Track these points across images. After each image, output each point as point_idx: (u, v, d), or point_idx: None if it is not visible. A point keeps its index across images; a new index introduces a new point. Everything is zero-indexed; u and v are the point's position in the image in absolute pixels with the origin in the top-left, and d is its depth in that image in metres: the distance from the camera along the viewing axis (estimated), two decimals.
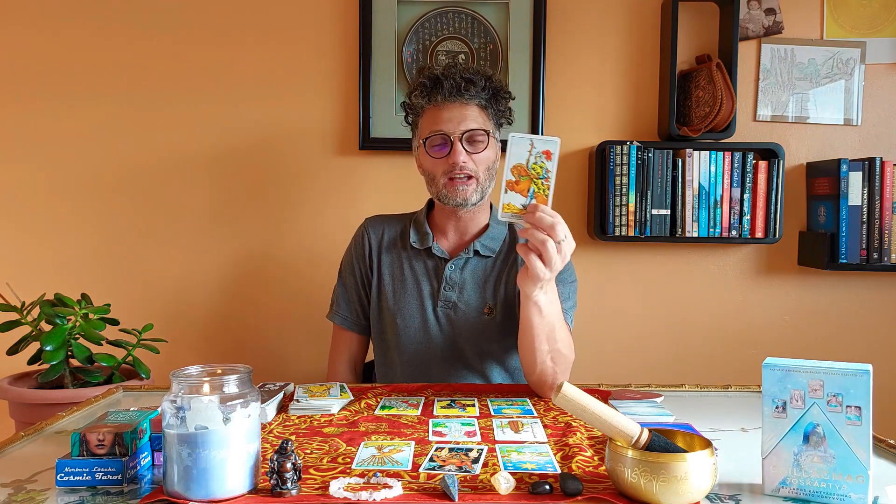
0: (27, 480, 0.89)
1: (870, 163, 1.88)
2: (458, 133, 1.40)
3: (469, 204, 1.44)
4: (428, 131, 1.43)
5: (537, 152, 1.09)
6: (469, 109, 1.42)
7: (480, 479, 0.86)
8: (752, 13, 1.99)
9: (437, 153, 1.42)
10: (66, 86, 1.99)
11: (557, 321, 1.25)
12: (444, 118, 1.42)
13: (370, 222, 1.60)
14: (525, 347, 1.27)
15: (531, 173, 1.10)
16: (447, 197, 1.44)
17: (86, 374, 1.65)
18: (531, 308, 1.22)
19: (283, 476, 0.80)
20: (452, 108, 1.42)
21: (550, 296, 1.23)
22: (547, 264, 1.12)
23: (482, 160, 1.42)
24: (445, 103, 1.42)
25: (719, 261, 2.05)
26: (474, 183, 1.42)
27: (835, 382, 0.81)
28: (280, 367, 2.03)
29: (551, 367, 1.27)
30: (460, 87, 1.41)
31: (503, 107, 1.48)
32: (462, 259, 1.49)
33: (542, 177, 1.10)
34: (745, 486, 0.87)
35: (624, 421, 0.83)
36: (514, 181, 1.10)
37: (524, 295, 1.21)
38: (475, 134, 1.41)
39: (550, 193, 1.10)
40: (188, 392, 0.81)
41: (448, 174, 1.41)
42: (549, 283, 1.19)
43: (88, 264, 2.02)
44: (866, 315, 2.04)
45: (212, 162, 2.01)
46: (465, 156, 1.40)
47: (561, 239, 1.11)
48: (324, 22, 1.99)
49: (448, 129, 1.41)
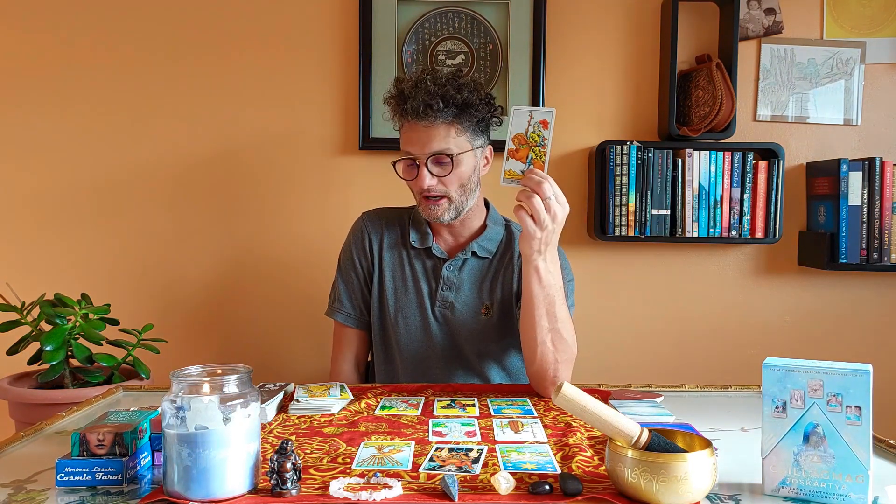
0: (27, 480, 0.89)
1: (870, 163, 1.88)
2: (423, 157, 1.39)
3: (444, 221, 1.44)
4: (401, 152, 1.43)
5: (535, 122, 1.18)
6: (435, 129, 1.38)
7: (480, 479, 0.86)
8: (752, 13, 1.99)
9: (408, 175, 1.43)
10: (66, 88, 1.99)
11: (558, 298, 1.26)
12: (413, 139, 1.40)
13: (368, 217, 1.59)
14: (526, 324, 1.28)
15: (529, 141, 1.19)
16: (423, 213, 1.45)
17: (86, 374, 1.65)
18: (531, 274, 1.23)
19: (283, 476, 0.80)
20: (419, 129, 1.39)
21: (550, 266, 1.24)
22: (537, 222, 1.17)
23: (452, 179, 1.40)
24: (413, 123, 1.40)
25: (719, 261, 2.05)
26: (446, 202, 1.41)
27: (835, 382, 0.81)
28: (280, 367, 2.03)
29: (552, 351, 1.26)
30: (419, 111, 1.36)
31: (478, 116, 1.42)
32: (460, 260, 1.49)
33: (539, 144, 1.19)
34: (745, 486, 0.87)
35: (624, 421, 0.83)
36: (514, 149, 1.19)
37: (523, 258, 1.24)
38: (439, 158, 1.39)
39: (546, 160, 1.19)
40: (188, 392, 0.81)
41: (421, 194, 1.42)
42: (547, 247, 1.22)
43: (88, 264, 2.02)
44: (866, 315, 2.04)
45: (212, 162, 2.01)
46: (431, 178, 1.39)
47: (547, 196, 1.16)
48: (324, 22, 1.99)
49: (414, 151, 1.40)
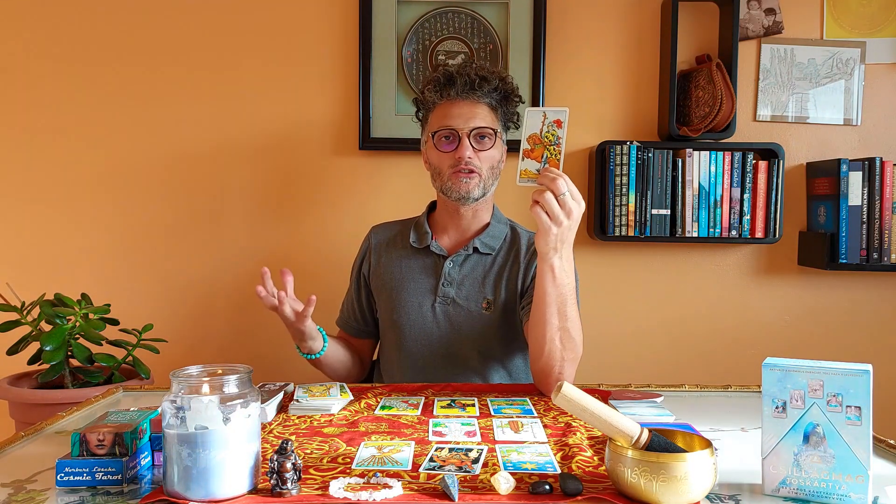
0: (27, 480, 0.89)
1: (870, 163, 1.88)
2: (467, 129, 1.43)
3: (471, 198, 1.45)
4: (437, 126, 1.46)
5: (549, 122, 1.20)
6: (479, 108, 1.45)
7: (480, 479, 0.86)
8: (752, 13, 1.99)
9: (445, 148, 1.45)
10: (67, 87, 1.99)
11: (570, 297, 1.26)
12: (455, 114, 1.44)
13: (374, 228, 1.65)
14: (536, 320, 1.28)
15: (544, 141, 1.20)
16: (450, 189, 1.45)
17: (86, 374, 1.65)
18: (545, 272, 1.23)
19: (283, 476, 0.80)
20: (463, 105, 1.45)
21: (565, 265, 1.24)
22: (552, 218, 1.17)
23: (487, 157, 1.45)
24: (457, 100, 1.45)
25: (719, 261, 2.05)
26: (477, 178, 1.44)
27: (835, 382, 0.81)
28: (280, 367, 2.03)
29: (559, 349, 1.26)
30: (473, 84, 1.43)
31: (513, 109, 1.51)
32: (461, 256, 1.50)
33: (553, 143, 1.20)
34: (745, 486, 0.87)
35: (624, 421, 0.83)
36: (529, 149, 1.21)
37: (539, 255, 1.24)
38: (483, 131, 1.44)
39: (561, 158, 1.21)
40: (188, 392, 0.81)
41: (453, 168, 1.43)
42: (563, 245, 1.21)
43: (88, 264, 2.02)
44: (866, 315, 2.04)
45: (211, 162, 2.01)
46: (472, 151, 1.42)
47: (562, 192, 1.16)
48: (324, 22, 1.99)
49: (457, 124, 1.43)
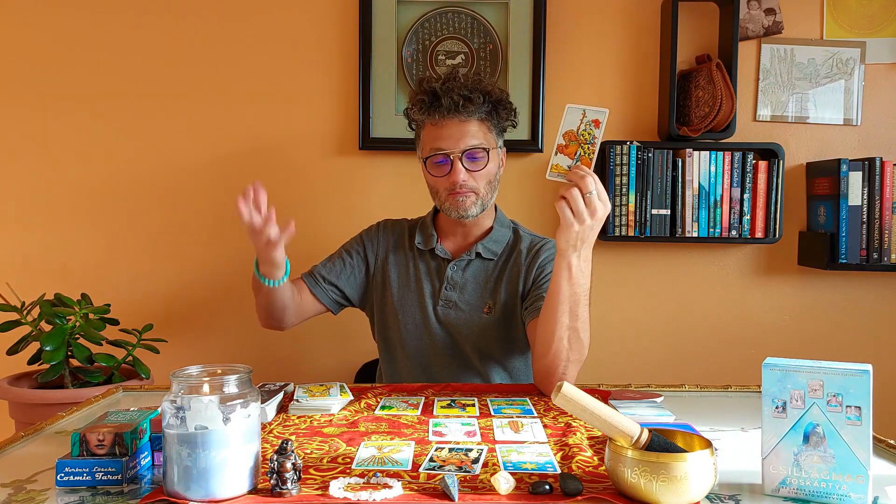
0: (27, 480, 0.89)
1: (870, 163, 1.88)
2: (458, 152, 1.40)
3: (469, 216, 1.45)
4: (429, 149, 1.43)
5: (588, 120, 1.21)
6: (469, 125, 1.41)
7: (480, 479, 0.86)
8: (751, 13, 1.99)
9: (438, 171, 1.43)
10: (68, 88, 1.99)
11: (584, 297, 1.25)
12: (445, 136, 1.41)
13: (385, 222, 1.63)
14: (546, 317, 1.27)
15: (580, 139, 1.21)
16: (449, 210, 1.45)
17: (86, 374, 1.65)
18: (562, 268, 1.22)
19: (283, 476, 0.80)
20: (451, 125, 1.41)
21: (583, 265, 1.22)
22: (575, 215, 1.16)
23: (482, 175, 1.43)
24: (444, 120, 1.41)
25: (719, 261, 2.05)
26: (473, 196, 1.43)
27: (835, 382, 0.81)
28: (280, 367, 2.03)
29: (566, 349, 1.26)
30: (458, 105, 1.39)
31: (504, 116, 1.47)
32: (464, 260, 1.50)
33: (588, 142, 1.21)
34: (745, 486, 0.87)
35: (624, 421, 0.83)
36: (563, 145, 1.22)
37: (558, 252, 1.22)
38: (475, 152, 1.41)
39: (594, 157, 1.22)
40: (188, 392, 0.81)
41: (449, 190, 1.42)
42: (583, 244, 1.20)
43: (88, 264, 2.02)
44: (866, 315, 2.04)
45: (212, 162, 2.01)
46: (465, 174, 1.41)
47: (589, 191, 1.15)
48: (324, 22, 1.99)
49: (448, 146, 1.41)
